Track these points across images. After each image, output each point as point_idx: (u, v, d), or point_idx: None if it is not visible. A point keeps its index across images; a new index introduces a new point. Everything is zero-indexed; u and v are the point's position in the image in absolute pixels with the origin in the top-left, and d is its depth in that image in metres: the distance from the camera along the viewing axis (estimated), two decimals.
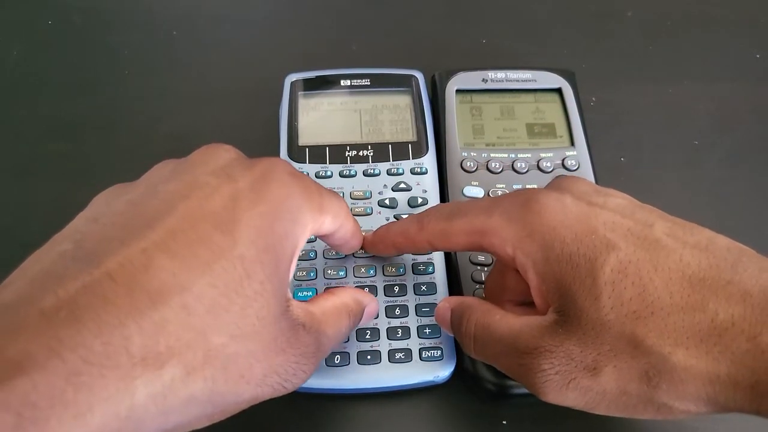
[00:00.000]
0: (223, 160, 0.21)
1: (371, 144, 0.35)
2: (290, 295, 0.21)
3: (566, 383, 0.21)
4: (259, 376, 0.19)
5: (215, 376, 0.18)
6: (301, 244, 0.22)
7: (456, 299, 0.27)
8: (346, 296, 0.26)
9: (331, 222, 0.24)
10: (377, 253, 0.30)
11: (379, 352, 0.29)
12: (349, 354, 0.29)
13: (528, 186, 0.34)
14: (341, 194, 0.33)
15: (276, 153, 0.35)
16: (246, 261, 0.19)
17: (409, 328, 0.30)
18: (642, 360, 0.20)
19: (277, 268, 0.20)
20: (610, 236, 0.21)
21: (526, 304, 0.25)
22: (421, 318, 0.30)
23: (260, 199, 0.20)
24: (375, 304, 0.28)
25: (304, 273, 0.31)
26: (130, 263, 0.17)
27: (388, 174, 0.34)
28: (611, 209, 0.22)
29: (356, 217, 0.32)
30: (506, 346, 0.23)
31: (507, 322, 0.23)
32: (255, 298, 0.19)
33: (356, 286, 0.30)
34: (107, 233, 0.18)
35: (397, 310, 0.30)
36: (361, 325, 0.27)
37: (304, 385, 0.28)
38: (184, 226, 0.18)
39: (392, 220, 0.33)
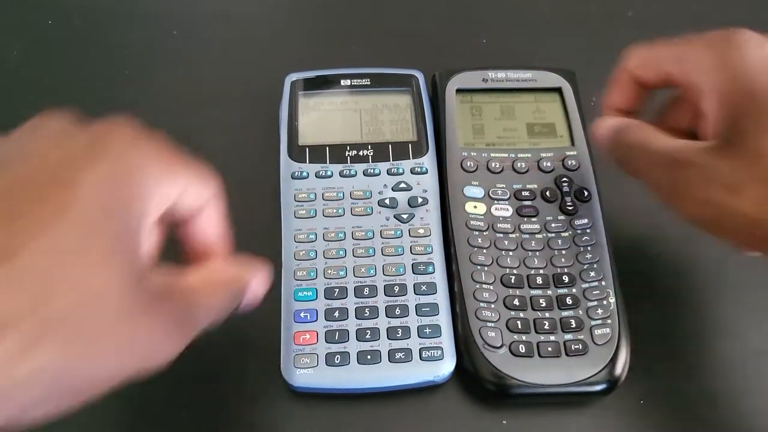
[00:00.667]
0: (57, 124, 0.19)
1: (371, 144, 0.35)
2: (149, 263, 0.20)
3: (707, 197, 0.23)
4: (113, 348, 0.18)
5: (58, 349, 0.16)
6: (153, 211, 0.20)
7: (618, 119, 0.29)
8: (224, 270, 0.23)
9: (192, 195, 0.21)
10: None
11: (379, 351, 0.29)
12: (349, 354, 0.29)
13: (528, 186, 0.34)
14: (341, 194, 0.33)
15: (276, 152, 0.35)
16: (87, 223, 0.17)
17: (409, 327, 0.30)
18: None
19: (124, 232, 0.18)
20: None
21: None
22: (422, 318, 0.30)
23: (98, 158, 0.18)
24: (262, 277, 0.24)
25: (305, 273, 0.31)
26: None
27: (388, 174, 0.34)
28: None
29: (356, 217, 0.32)
30: (660, 158, 0.25)
31: (666, 140, 0.26)
32: (100, 265, 0.17)
33: (356, 286, 0.31)
34: None
35: (397, 309, 0.30)
36: (249, 305, 0.24)
37: (304, 385, 0.29)
38: (14, 188, 0.17)
39: (392, 219, 0.33)
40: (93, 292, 0.17)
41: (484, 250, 0.32)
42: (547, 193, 0.34)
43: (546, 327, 0.30)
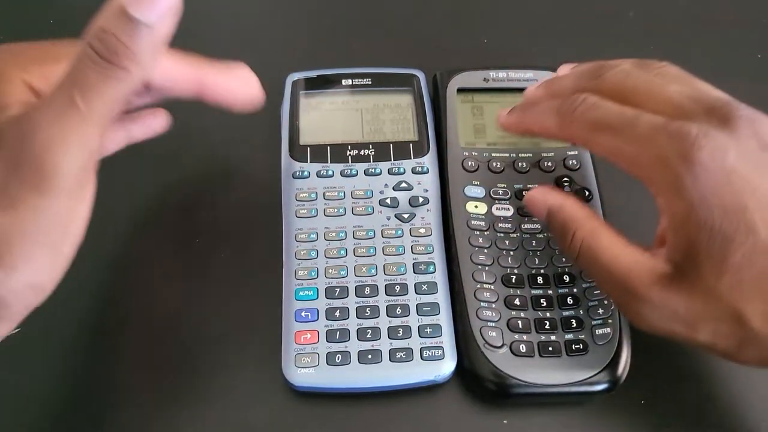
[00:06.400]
0: None
1: (372, 143, 0.35)
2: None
3: (663, 329, 0.24)
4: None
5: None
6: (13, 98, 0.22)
7: (557, 198, 0.26)
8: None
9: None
10: (507, 127, 0.29)
11: (380, 351, 0.29)
12: (350, 353, 0.29)
13: (529, 186, 0.34)
14: (342, 194, 0.33)
15: (277, 152, 0.35)
16: None
17: (410, 327, 0.30)
18: (740, 333, 0.22)
19: None
20: (755, 218, 0.21)
21: None
22: (422, 317, 0.30)
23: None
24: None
25: (306, 272, 0.31)
26: None
27: (389, 173, 0.34)
28: None
29: (357, 217, 0.32)
30: (612, 278, 0.24)
31: (616, 253, 0.24)
32: None
33: (357, 286, 0.31)
34: None
35: (398, 309, 0.30)
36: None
37: (305, 385, 0.29)
38: None
39: (393, 219, 0.33)
40: None
41: (485, 250, 0.32)
42: None
43: (547, 326, 0.30)
